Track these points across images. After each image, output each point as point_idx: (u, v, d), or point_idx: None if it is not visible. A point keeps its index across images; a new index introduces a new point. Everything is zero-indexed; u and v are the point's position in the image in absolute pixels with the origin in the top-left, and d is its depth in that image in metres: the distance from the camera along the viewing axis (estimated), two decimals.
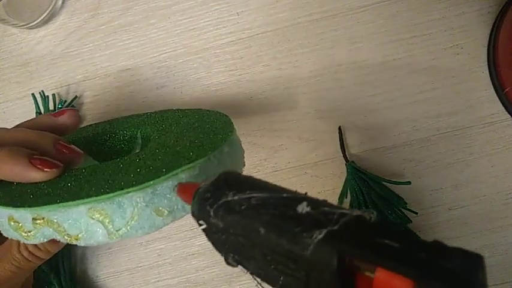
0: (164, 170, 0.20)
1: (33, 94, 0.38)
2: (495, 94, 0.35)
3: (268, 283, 0.17)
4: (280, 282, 0.16)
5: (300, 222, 0.15)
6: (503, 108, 0.35)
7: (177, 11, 0.37)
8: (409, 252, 0.13)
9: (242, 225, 0.16)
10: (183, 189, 0.20)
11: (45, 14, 0.37)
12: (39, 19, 0.37)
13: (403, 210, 0.34)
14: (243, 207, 0.17)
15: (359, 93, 0.36)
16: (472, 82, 0.35)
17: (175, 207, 0.21)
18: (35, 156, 0.23)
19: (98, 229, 0.20)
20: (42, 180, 0.23)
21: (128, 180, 0.20)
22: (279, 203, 0.16)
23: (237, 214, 0.17)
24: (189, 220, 0.36)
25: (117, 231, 0.20)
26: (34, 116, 0.38)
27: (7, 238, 0.24)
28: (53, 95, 0.38)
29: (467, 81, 0.35)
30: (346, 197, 0.35)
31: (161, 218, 0.20)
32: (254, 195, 0.17)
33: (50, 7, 0.38)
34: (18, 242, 0.24)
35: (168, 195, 0.20)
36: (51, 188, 0.22)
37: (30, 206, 0.20)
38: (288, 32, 0.37)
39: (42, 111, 0.38)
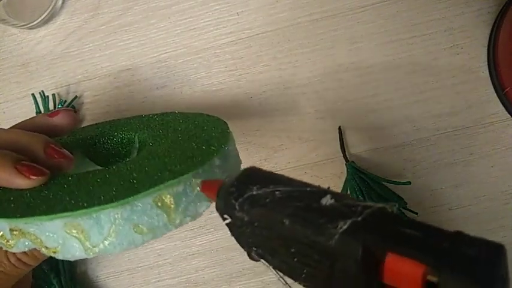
0: (147, 185, 0.19)
1: (33, 94, 0.38)
2: (495, 94, 0.35)
3: (291, 276, 0.17)
4: (304, 274, 0.16)
5: (324, 214, 0.16)
6: (503, 108, 0.35)
7: (177, 11, 0.37)
8: (432, 241, 0.13)
9: (267, 218, 0.17)
10: (207, 186, 0.20)
11: (45, 14, 0.37)
12: (39, 19, 0.37)
13: (403, 210, 0.34)
14: (267, 200, 0.17)
15: (359, 93, 0.36)
16: (472, 82, 0.35)
17: (156, 224, 0.20)
18: (22, 162, 0.22)
19: (75, 244, 0.19)
20: (28, 187, 0.22)
21: (108, 194, 0.19)
22: (303, 196, 0.17)
23: (262, 207, 0.17)
24: None
25: (93, 247, 0.19)
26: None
27: None
28: (53, 95, 0.38)
29: (467, 81, 0.35)
30: None
31: (140, 235, 0.20)
32: (278, 189, 0.17)
33: (50, 7, 0.38)
34: None
35: (148, 212, 0.19)
36: (34, 196, 0.21)
37: (7, 217, 0.19)
38: (288, 32, 0.37)
39: (42, 111, 0.38)
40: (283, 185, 0.18)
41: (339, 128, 0.36)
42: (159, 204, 0.20)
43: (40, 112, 0.38)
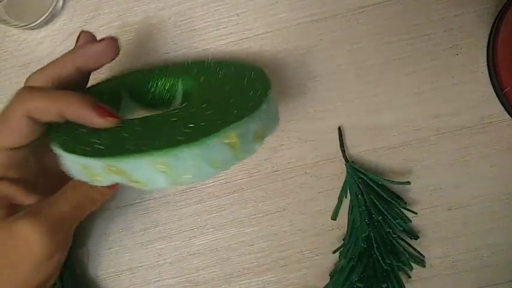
0: (218, 125, 0.23)
1: None
2: (494, 94, 0.35)
3: None
4: None
5: None
6: (502, 108, 0.35)
7: (177, 11, 0.37)
8: None
9: None
10: None
11: (46, 14, 0.38)
12: (40, 20, 0.37)
13: (402, 210, 0.34)
14: None
15: (359, 93, 0.36)
16: (472, 82, 0.35)
17: (226, 159, 0.23)
18: (100, 104, 0.25)
19: (161, 177, 0.22)
20: (102, 127, 0.25)
21: (186, 135, 0.22)
22: None
23: None
24: (189, 220, 0.37)
25: (176, 180, 0.23)
26: None
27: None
28: None
29: (467, 81, 0.35)
30: (346, 197, 0.35)
31: (214, 169, 0.23)
32: None
33: (51, 8, 0.38)
34: (80, 184, 0.26)
35: (220, 149, 0.23)
36: (114, 138, 0.24)
37: (104, 156, 0.22)
38: (288, 32, 0.37)
39: None
40: None
41: (339, 128, 0.36)
42: (228, 142, 0.23)
43: None
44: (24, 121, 0.25)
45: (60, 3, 0.38)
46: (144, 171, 0.22)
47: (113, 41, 0.28)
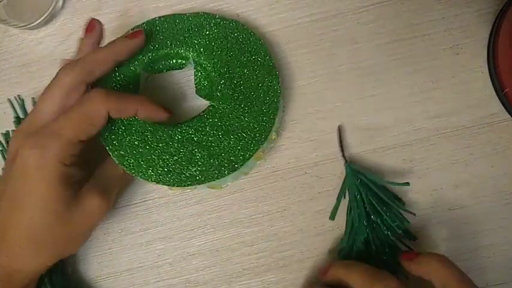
0: (252, 146, 0.32)
1: (33, 98, 0.38)
2: (495, 94, 0.35)
3: None
4: None
5: None
6: (503, 108, 0.35)
7: (177, 12, 0.37)
8: None
9: None
10: None
11: (46, 14, 0.38)
12: (40, 20, 0.37)
13: (401, 211, 0.34)
14: None
15: (359, 93, 0.36)
16: (472, 82, 0.35)
17: (254, 165, 0.34)
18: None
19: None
20: (162, 120, 0.32)
21: (230, 166, 0.31)
22: None
23: None
24: (189, 220, 0.37)
25: (223, 186, 0.34)
26: None
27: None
28: None
29: (467, 81, 0.35)
30: (344, 197, 0.35)
31: (244, 174, 0.35)
32: None
33: (51, 8, 0.38)
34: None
35: (251, 162, 0.32)
36: (178, 166, 0.31)
37: (175, 185, 0.31)
38: (288, 32, 0.37)
39: None
40: None
41: (339, 128, 0.36)
42: (257, 156, 0.32)
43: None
44: (104, 118, 0.29)
45: (60, 3, 0.38)
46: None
47: (143, 33, 0.33)
